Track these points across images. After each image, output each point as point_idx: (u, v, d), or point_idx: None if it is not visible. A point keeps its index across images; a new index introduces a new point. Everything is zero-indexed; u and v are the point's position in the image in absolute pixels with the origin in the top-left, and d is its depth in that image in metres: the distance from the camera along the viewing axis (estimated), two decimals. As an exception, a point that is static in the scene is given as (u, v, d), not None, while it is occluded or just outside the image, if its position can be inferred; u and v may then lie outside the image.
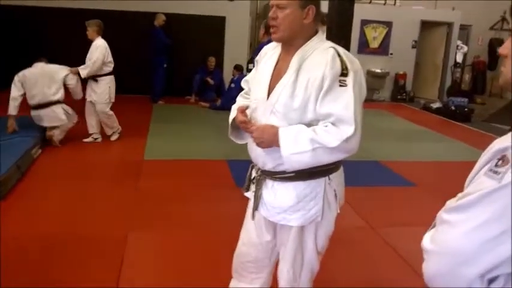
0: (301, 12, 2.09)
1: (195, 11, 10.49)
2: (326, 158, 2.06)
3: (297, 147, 2.01)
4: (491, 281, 1.06)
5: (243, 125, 2.21)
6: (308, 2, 2.10)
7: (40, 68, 6.38)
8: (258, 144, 2.13)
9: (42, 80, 6.27)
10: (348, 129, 1.98)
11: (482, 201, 1.02)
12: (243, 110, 2.23)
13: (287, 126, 2.08)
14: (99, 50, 6.49)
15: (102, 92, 6.67)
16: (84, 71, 6.48)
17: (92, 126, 6.82)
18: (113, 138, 6.96)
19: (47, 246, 3.73)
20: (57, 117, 6.34)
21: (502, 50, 1.14)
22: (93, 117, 6.79)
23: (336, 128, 2.00)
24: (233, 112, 2.34)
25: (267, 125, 2.10)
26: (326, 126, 2.01)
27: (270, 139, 2.07)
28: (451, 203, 1.15)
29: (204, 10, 10.55)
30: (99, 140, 6.87)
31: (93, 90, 6.66)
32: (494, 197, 1.01)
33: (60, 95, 6.36)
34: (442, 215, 1.12)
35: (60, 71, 6.46)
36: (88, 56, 6.52)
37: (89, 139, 6.84)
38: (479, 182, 1.07)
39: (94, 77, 6.61)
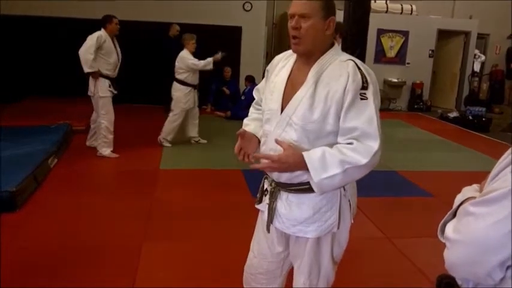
0: (324, 23, 2.05)
1: (211, 21, 10.55)
2: (356, 176, 2.05)
3: (327, 172, 1.97)
4: (507, 268, 1.15)
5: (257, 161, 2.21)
6: (329, 13, 2.06)
7: None
8: (281, 172, 2.12)
9: None
10: (374, 144, 1.96)
11: (508, 196, 1.09)
12: (242, 136, 2.27)
13: (305, 138, 2.05)
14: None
15: None
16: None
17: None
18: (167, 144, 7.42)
19: (62, 256, 3.75)
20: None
21: None
22: None
23: (361, 145, 1.97)
24: (244, 126, 2.36)
25: (288, 154, 2.03)
26: (351, 144, 1.98)
27: (295, 168, 2.04)
28: (467, 190, 1.35)
29: (220, 20, 10.63)
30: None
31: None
32: None
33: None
34: (468, 207, 1.19)
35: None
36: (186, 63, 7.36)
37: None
38: (505, 179, 1.13)
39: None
